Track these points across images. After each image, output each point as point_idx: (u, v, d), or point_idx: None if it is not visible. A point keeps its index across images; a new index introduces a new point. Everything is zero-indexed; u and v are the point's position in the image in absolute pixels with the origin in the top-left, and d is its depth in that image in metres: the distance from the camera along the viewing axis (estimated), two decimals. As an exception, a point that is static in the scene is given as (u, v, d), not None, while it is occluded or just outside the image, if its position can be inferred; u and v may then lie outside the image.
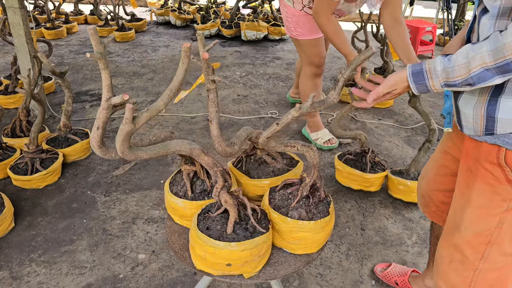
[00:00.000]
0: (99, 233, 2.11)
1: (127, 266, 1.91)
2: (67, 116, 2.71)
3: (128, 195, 2.39)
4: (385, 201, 2.40)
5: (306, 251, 1.25)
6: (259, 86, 4.03)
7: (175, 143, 1.14)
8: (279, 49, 5.27)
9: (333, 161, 2.69)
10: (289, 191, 1.29)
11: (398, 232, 2.17)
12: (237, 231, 1.15)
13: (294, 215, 1.22)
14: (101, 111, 0.92)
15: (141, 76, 4.22)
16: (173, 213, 1.38)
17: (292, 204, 1.24)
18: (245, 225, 1.17)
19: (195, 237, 1.15)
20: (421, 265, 1.96)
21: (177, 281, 1.83)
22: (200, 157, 1.18)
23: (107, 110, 0.93)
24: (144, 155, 1.04)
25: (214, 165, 1.18)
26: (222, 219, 1.19)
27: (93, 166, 2.67)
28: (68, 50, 4.99)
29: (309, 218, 1.22)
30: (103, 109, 0.92)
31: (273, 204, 1.28)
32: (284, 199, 1.28)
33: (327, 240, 1.29)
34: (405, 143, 3.02)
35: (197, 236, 1.14)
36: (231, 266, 1.12)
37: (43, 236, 2.08)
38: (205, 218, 1.21)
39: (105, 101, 0.92)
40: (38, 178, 2.40)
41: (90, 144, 0.97)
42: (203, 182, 1.35)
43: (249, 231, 1.15)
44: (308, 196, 1.26)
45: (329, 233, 1.27)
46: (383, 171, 2.36)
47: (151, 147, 1.08)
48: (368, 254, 2.02)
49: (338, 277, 1.88)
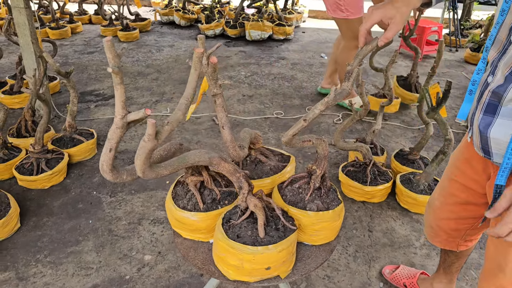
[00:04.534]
0: (105, 233, 2.10)
1: (133, 267, 1.90)
2: (73, 116, 2.70)
3: (134, 196, 2.38)
4: (393, 203, 2.38)
5: (326, 240, 1.26)
6: (264, 86, 4.01)
7: (193, 154, 1.08)
8: (284, 49, 5.25)
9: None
10: (297, 185, 1.28)
11: (406, 234, 2.15)
12: (270, 233, 1.13)
13: (313, 208, 1.23)
14: (114, 130, 0.82)
15: (145, 76, 4.22)
16: (182, 228, 1.29)
17: (306, 197, 1.24)
18: (275, 226, 1.15)
19: (226, 247, 1.10)
20: (430, 267, 1.94)
21: (183, 282, 1.82)
22: (220, 165, 1.13)
23: (122, 129, 0.83)
24: (164, 172, 0.98)
25: (236, 171, 1.15)
26: (249, 224, 1.16)
27: (99, 166, 2.65)
28: (73, 50, 4.99)
29: (326, 208, 1.23)
30: (117, 128, 0.82)
31: (286, 200, 1.27)
32: (295, 194, 1.28)
33: (341, 226, 1.31)
34: (411, 144, 3.00)
35: (230, 246, 1.09)
36: (270, 269, 1.10)
37: (49, 236, 2.07)
38: (230, 226, 1.15)
39: (120, 119, 0.81)
40: (43, 179, 2.39)
41: (100, 169, 0.88)
42: (211, 191, 1.29)
43: (281, 231, 1.14)
44: (319, 187, 1.27)
45: (342, 219, 1.30)
46: (387, 182, 2.33)
47: (170, 163, 1.01)
48: (376, 256, 2.00)
49: (346, 279, 1.86)
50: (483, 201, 1.24)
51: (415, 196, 2.24)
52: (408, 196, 2.26)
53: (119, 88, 0.80)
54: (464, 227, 1.35)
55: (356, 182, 2.32)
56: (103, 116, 3.31)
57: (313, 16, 7.34)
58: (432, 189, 2.28)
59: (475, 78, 1.11)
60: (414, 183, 2.31)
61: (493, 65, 1.01)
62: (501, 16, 0.99)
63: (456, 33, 5.35)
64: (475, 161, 1.19)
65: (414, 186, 2.29)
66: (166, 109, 3.45)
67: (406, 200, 2.30)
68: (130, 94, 3.76)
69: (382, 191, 2.32)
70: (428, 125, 2.49)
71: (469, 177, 1.23)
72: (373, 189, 2.30)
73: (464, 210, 1.30)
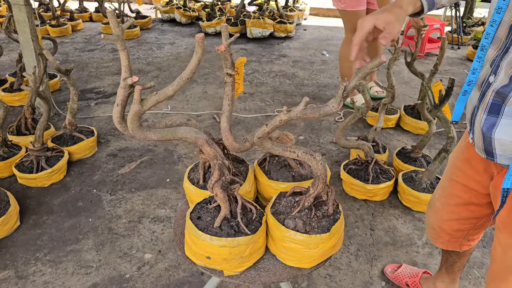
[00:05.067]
0: (105, 232, 2.08)
1: (133, 266, 1.88)
2: (73, 114, 2.69)
3: (134, 194, 2.37)
4: (395, 201, 2.36)
5: (296, 264, 1.19)
6: (265, 84, 3.99)
7: (183, 130, 1.12)
8: (285, 46, 5.23)
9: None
10: (297, 198, 1.23)
11: (408, 233, 2.13)
12: (223, 227, 1.13)
13: (290, 224, 1.16)
14: (119, 90, 0.99)
15: (146, 73, 4.20)
16: (188, 197, 1.42)
17: (293, 212, 1.19)
18: (234, 223, 1.14)
19: (186, 223, 1.17)
20: (432, 266, 1.92)
21: (184, 281, 1.81)
22: (203, 147, 1.16)
23: (124, 89, 0.98)
24: (152, 136, 1.07)
25: (215, 157, 1.16)
26: (216, 212, 1.18)
27: (99, 164, 2.65)
28: (73, 47, 4.98)
29: (305, 231, 1.14)
30: (121, 87, 0.98)
31: (275, 208, 1.23)
32: (288, 206, 1.23)
33: (324, 260, 1.19)
34: (413, 142, 2.98)
35: (187, 223, 1.17)
36: (210, 259, 1.13)
37: (49, 235, 2.06)
38: (202, 208, 1.21)
39: (122, 80, 0.97)
40: (43, 177, 2.38)
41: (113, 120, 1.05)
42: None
43: (234, 230, 1.13)
44: (311, 208, 1.19)
45: (327, 253, 1.18)
46: (389, 180, 2.31)
47: (160, 130, 1.09)
48: (378, 255, 1.98)
49: (348, 278, 1.85)
50: (485, 201, 1.22)
51: (417, 194, 2.22)
52: (410, 194, 2.25)
53: (122, 54, 0.95)
54: (467, 227, 1.33)
55: (357, 180, 2.30)
56: (104, 114, 3.29)
57: (315, 13, 7.31)
58: (434, 188, 2.26)
59: (470, 78, 1.07)
60: (417, 181, 2.29)
61: (495, 64, 0.98)
62: (497, 14, 0.96)
63: (458, 31, 5.32)
64: (476, 161, 1.17)
65: (416, 185, 2.27)
66: (167, 107, 3.43)
67: (408, 199, 2.28)
68: (131, 91, 3.74)
69: (384, 189, 2.31)
70: (431, 123, 2.47)
71: (470, 177, 1.22)
72: (375, 187, 2.28)
73: (466, 210, 1.29)
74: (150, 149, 2.82)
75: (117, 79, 4.03)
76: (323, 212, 1.19)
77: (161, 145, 2.87)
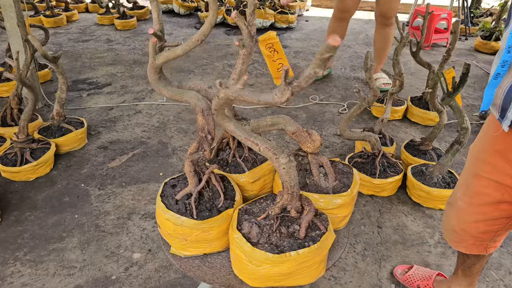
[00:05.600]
0: (91, 229, 1.93)
1: (121, 266, 1.73)
2: (61, 104, 2.53)
3: (124, 189, 2.21)
4: (403, 197, 2.21)
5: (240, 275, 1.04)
6: (265, 75, 3.82)
7: (190, 94, 1.09)
8: (287, 37, 5.06)
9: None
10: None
11: (419, 231, 1.97)
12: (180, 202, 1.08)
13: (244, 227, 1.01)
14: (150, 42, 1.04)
15: (142, 64, 4.03)
16: None
17: (259, 217, 1.03)
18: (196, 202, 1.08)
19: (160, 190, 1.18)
20: (446, 267, 1.77)
21: (175, 283, 1.66)
22: (198, 115, 1.06)
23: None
24: (165, 92, 1.09)
25: (202, 129, 1.04)
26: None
27: (88, 157, 2.49)
28: (67, 38, 4.81)
29: (255, 242, 0.98)
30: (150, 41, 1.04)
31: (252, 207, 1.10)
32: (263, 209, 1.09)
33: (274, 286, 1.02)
34: (422, 134, 2.82)
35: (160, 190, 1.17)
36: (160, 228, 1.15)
37: (31, 232, 1.91)
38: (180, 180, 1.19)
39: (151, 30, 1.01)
40: (27, 170, 2.23)
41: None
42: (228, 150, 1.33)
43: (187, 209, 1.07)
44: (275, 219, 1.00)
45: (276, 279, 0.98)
46: (397, 174, 2.15)
47: (171, 88, 1.10)
48: (387, 255, 1.83)
49: (354, 280, 1.69)
50: None
51: (428, 189, 2.06)
52: (421, 189, 2.09)
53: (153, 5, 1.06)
54: (495, 228, 1.17)
55: (364, 174, 2.14)
56: (96, 105, 3.14)
57: (317, 4, 7.12)
58: (446, 182, 2.10)
59: (505, 58, 0.92)
60: (427, 175, 2.13)
61: None
62: None
63: (465, 21, 5.14)
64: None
65: (427, 179, 2.11)
66: (162, 98, 3.27)
67: (418, 194, 2.12)
68: (125, 82, 3.58)
69: (392, 184, 2.15)
70: (442, 113, 2.30)
71: (503, 172, 1.05)
72: (382, 182, 2.12)
73: (496, 210, 1.12)
74: (143, 141, 2.66)
75: (111, 69, 3.86)
76: (290, 231, 1.00)
77: (154, 137, 2.72)
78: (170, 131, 2.79)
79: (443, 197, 2.06)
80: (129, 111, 3.06)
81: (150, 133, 2.76)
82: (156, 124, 2.88)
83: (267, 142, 0.93)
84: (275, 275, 0.97)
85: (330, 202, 1.14)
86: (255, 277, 0.99)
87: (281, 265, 0.95)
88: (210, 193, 1.07)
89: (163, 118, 2.97)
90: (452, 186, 2.09)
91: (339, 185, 1.20)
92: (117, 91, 3.40)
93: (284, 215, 1.02)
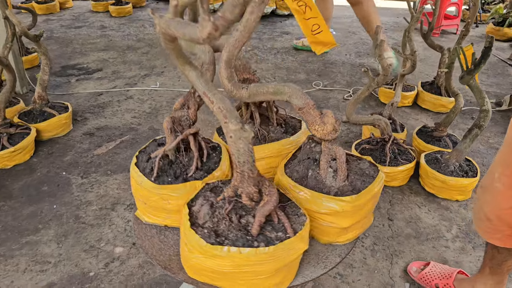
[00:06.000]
0: (70, 221, 1.74)
1: (100, 261, 1.54)
2: (43, 87, 2.34)
3: (110, 177, 2.02)
4: (416, 187, 2.01)
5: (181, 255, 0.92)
6: (266, 61, 3.62)
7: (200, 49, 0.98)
8: (288, 24, 4.85)
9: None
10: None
11: (434, 224, 1.78)
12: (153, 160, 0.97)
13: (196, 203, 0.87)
14: None
15: (135, 50, 3.84)
16: None
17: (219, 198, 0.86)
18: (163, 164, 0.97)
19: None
20: (466, 264, 1.57)
21: (160, 281, 1.47)
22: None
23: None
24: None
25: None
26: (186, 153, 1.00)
27: (72, 143, 2.30)
28: (59, 24, 4.61)
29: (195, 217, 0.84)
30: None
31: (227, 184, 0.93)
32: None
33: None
34: (433, 121, 2.61)
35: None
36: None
37: (3, 224, 1.72)
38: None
39: None
40: (4, 156, 2.04)
41: None
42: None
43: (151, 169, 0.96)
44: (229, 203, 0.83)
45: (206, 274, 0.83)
46: (409, 162, 1.95)
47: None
48: (399, 250, 1.63)
49: (363, 278, 1.49)
50: None
51: (444, 178, 1.86)
52: (436, 178, 1.89)
53: None
54: None
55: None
56: (84, 91, 2.94)
57: (320, -7, 6.89)
58: (464, 171, 1.90)
59: None
60: (443, 163, 1.93)
61: None
62: None
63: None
64: None
65: (442, 167, 1.91)
66: (156, 83, 3.07)
67: (432, 183, 1.92)
68: (117, 67, 3.38)
69: (403, 172, 1.95)
70: (458, 96, 2.10)
71: None
72: (393, 170, 1.92)
73: None
74: (133, 128, 2.47)
75: (103, 55, 3.66)
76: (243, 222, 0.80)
77: (145, 123, 2.52)
78: (162, 117, 2.60)
79: (460, 187, 1.86)
80: (120, 97, 2.86)
81: (141, 119, 2.57)
82: (148, 110, 2.68)
83: (223, 102, 0.74)
84: (207, 270, 0.79)
85: (322, 205, 0.92)
86: (188, 265, 0.84)
87: (213, 259, 0.76)
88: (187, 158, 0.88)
89: (155, 104, 2.78)
90: (471, 174, 1.89)
91: (347, 188, 0.97)
92: (108, 76, 3.21)
93: (238, 201, 0.82)
